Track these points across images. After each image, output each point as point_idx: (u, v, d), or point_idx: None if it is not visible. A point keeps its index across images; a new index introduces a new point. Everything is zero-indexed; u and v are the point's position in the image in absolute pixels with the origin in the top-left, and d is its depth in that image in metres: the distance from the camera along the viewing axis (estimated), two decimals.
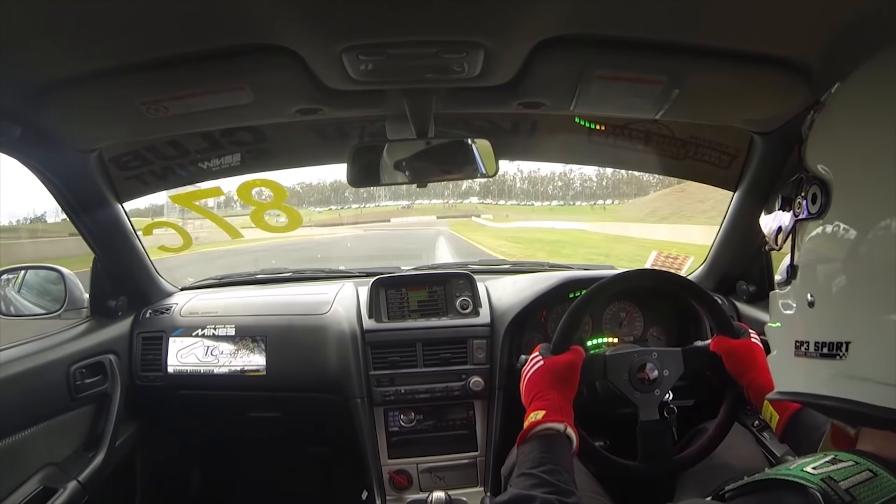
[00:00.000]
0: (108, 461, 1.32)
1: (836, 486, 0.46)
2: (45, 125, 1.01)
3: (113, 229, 1.40)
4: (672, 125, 1.38)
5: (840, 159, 0.53)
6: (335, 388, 1.49)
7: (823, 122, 0.57)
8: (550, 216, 40.45)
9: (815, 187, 0.54)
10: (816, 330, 0.53)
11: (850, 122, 0.54)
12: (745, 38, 0.85)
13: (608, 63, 0.90)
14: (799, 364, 0.55)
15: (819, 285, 0.53)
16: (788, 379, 0.58)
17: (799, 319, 0.55)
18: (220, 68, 0.88)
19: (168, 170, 1.41)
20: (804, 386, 0.55)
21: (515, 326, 1.50)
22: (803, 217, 0.55)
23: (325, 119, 1.26)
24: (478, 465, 1.48)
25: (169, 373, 1.52)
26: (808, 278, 0.55)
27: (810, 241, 0.55)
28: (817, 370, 0.52)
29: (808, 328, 0.54)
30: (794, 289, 0.57)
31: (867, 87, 0.54)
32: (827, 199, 0.52)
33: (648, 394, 1.06)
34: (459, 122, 1.35)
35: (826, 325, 0.52)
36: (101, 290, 1.47)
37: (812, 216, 0.54)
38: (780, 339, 0.60)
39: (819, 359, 0.52)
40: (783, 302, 0.59)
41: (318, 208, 33.33)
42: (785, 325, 0.58)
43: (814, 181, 0.54)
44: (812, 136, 0.58)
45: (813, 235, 0.54)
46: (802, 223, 0.56)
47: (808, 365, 0.53)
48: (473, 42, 0.80)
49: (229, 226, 1.94)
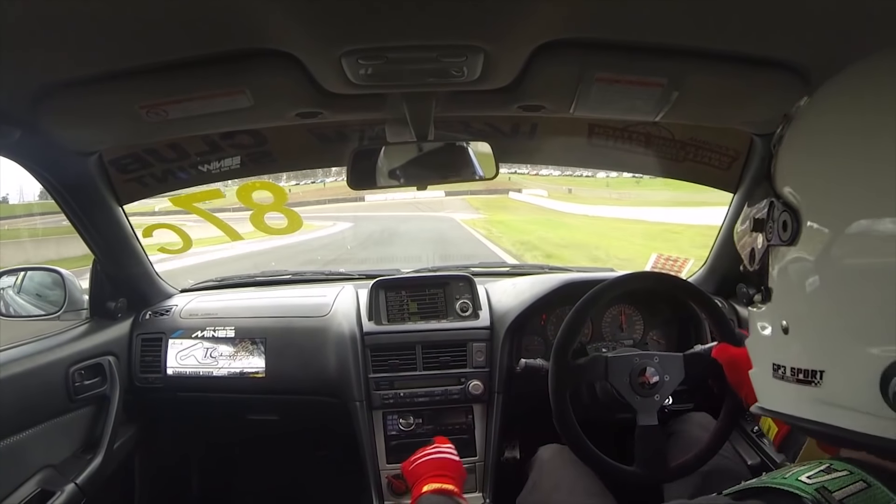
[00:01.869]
0: (106, 464, 1.31)
1: (830, 496, 0.46)
2: (45, 128, 1.01)
3: (112, 231, 1.40)
4: (672, 127, 1.38)
5: (806, 185, 0.52)
6: (334, 391, 1.49)
7: (791, 142, 0.56)
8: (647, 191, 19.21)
9: (785, 214, 0.52)
10: (791, 356, 0.53)
11: (815, 148, 0.53)
12: (745, 41, 0.85)
13: (608, 66, 0.90)
14: (778, 385, 0.55)
15: (792, 312, 0.53)
16: (769, 397, 0.58)
17: (775, 343, 0.55)
18: (220, 72, 0.88)
19: (168, 172, 1.42)
20: (784, 406, 0.55)
21: (515, 329, 1.50)
22: (775, 243, 0.54)
23: (325, 122, 1.26)
24: (476, 470, 1.47)
25: (168, 375, 1.52)
26: (782, 303, 0.54)
27: (782, 268, 0.54)
28: (795, 393, 0.52)
29: (783, 353, 0.54)
30: (769, 311, 0.57)
31: (831, 111, 0.53)
32: (797, 227, 0.51)
33: (648, 398, 1.06)
34: (459, 125, 1.35)
35: (800, 352, 0.52)
36: (100, 291, 1.47)
37: (783, 243, 0.53)
38: (758, 357, 0.60)
39: (796, 383, 0.52)
40: (760, 323, 0.59)
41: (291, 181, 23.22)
42: (762, 346, 0.58)
43: (784, 207, 0.53)
44: (781, 154, 0.57)
45: (785, 262, 0.53)
46: (774, 247, 0.55)
47: (786, 387, 0.53)
48: (473, 46, 0.80)
49: (229, 228, 1.93)
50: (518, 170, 23.52)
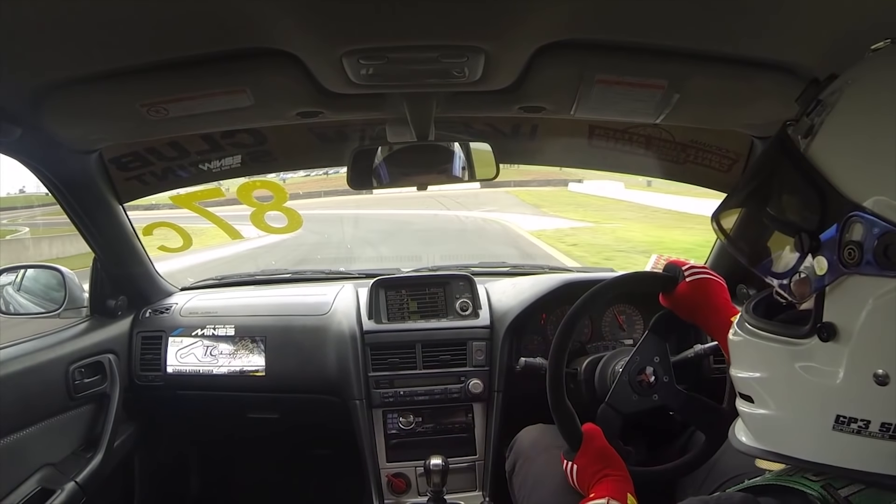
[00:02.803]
0: (106, 462, 1.32)
1: (836, 493, 0.46)
2: (46, 126, 1.01)
3: (113, 229, 1.40)
4: (673, 129, 1.38)
5: None
6: (334, 390, 1.49)
7: (864, 128, 0.46)
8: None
9: (890, 236, 0.41)
10: (886, 411, 0.44)
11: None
12: (746, 43, 0.85)
13: (609, 67, 0.90)
14: (837, 438, 0.46)
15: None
16: (811, 448, 0.49)
17: (850, 393, 0.46)
18: (221, 71, 0.88)
19: (168, 171, 1.41)
20: (844, 460, 0.47)
21: (515, 329, 1.50)
22: (865, 272, 0.43)
23: (326, 122, 1.27)
24: (476, 469, 1.48)
25: (168, 373, 1.52)
26: (877, 348, 0.44)
27: (884, 304, 0.43)
28: (877, 450, 0.45)
29: (866, 407, 0.45)
30: (829, 353, 0.47)
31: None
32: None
33: (646, 398, 1.06)
34: (460, 125, 1.35)
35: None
36: (100, 289, 1.47)
37: (883, 274, 0.42)
38: (793, 402, 0.50)
39: (886, 440, 0.44)
40: (804, 365, 0.48)
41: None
42: (811, 392, 0.48)
43: (884, 226, 0.42)
44: (839, 150, 0.47)
45: (889, 298, 0.43)
46: (853, 277, 0.45)
47: (858, 442, 0.45)
48: (474, 47, 0.80)
49: (229, 226, 1.93)
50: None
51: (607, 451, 0.96)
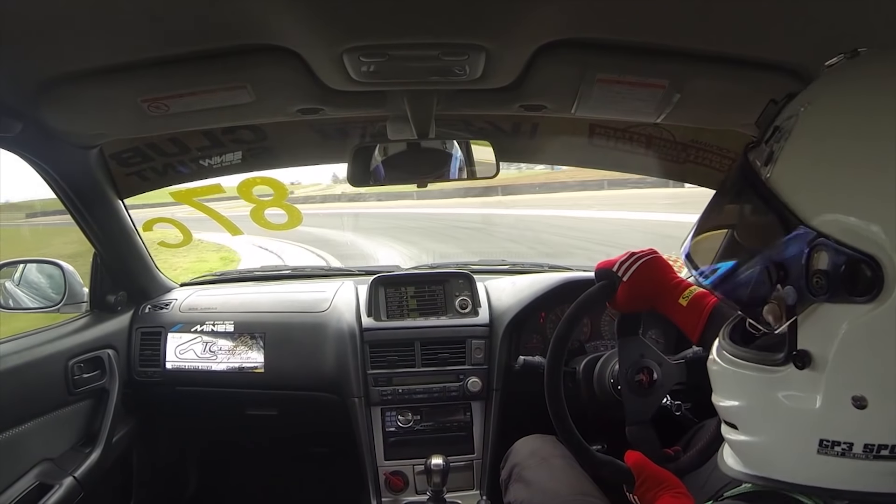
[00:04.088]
0: (104, 457, 1.32)
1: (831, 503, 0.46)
2: (47, 121, 1.01)
3: (113, 225, 1.40)
4: (673, 129, 1.38)
5: (883, 212, 0.41)
6: (333, 387, 1.49)
7: (819, 153, 0.46)
8: None
9: (855, 264, 0.41)
10: (868, 433, 0.44)
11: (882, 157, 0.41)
12: (747, 43, 0.85)
13: (610, 67, 0.90)
14: (823, 461, 0.46)
15: (877, 383, 0.43)
16: (797, 470, 0.49)
17: (831, 418, 0.46)
18: (222, 68, 0.88)
19: (169, 166, 1.42)
20: (830, 481, 0.47)
21: (514, 327, 1.50)
22: (834, 300, 0.43)
23: (327, 119, 1.26)
24: (474, 468, 1.48)
25: (167, 369, 1.52)
26: (852, 374, 0.44)
27: (855, 331, 0.43)
28: (862, 470, 0.45)
29: (848, 430, 0.45)
30: (807, 379, 0.46)
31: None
32: (880, 276, 0.41)
33: (644, 397, 1.06)
34: (460, 123, 1.35)
35: (887, 427, 0.43)
36: (100, 284, 1.47)
37: (853, 301, 0.42)
38: (775, 428, 0.50)
39: (870, 460, 0.44)
40: (785, 393, 0.48)
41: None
42: (793, 418, 0.48)
43: (848, 253, 0.42)
44: (797, 176, 0.46)
45: (860, 324, 0.43)
46: (823, 305, 0.44)
47: (843, 464, 0.45)
48: (475, 45, 0.80)
49: (229, 222, 1.93)
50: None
51: (658, 474, 0.94)
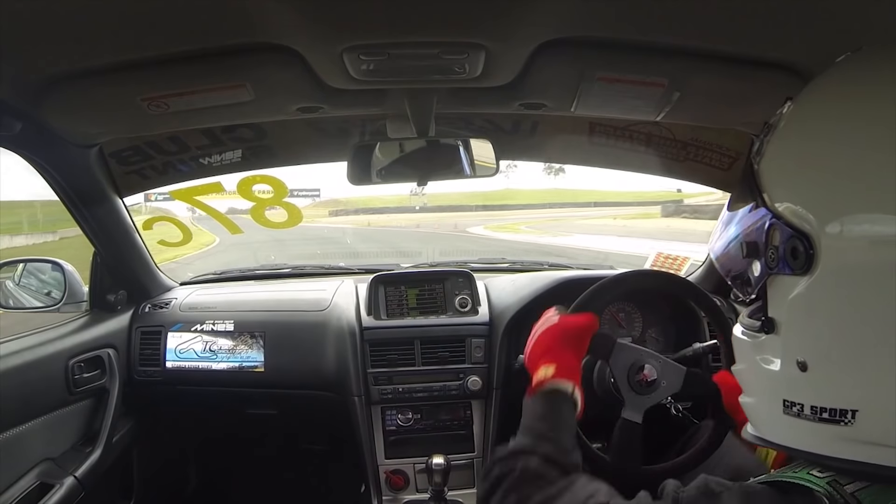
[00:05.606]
0: (105, 457, 1.32)
1: (842, 489, 0.46)
2: (47, 120, 1.01)
3: (113, 224, 1.40)
4: (673, 127, 1.38)
5: (817, 201, 0.46)
6: (333, 386, 1.49)
7: (784, 151, 0.51)
8: None
9: (794, 239, 0.46)
10: (812, 395, 0.48)
11: (826, 155, 0.47)
12: (747, 42, 0.85)
13: (610, 65, 0.90)
14: (788, 421, 0.50)
15: (812, 348, 0.47)
16: (775, 431, 0.53)
17: (786, 380, 0.50)
18: (222, 66, 0.88)
19: (168, 165, 1.41)
20: (796, 442, 0.50)
21: (514, 326, 1.50)
22: (781, 272, 0.49)
23: (327, 117, 1.26)
24: (474, 466, 1.48)
25: (167, 368, 1.52)
26: (796, 339, 0.49)
27: (796, 300, 0.48)
28: (815, 431, 0.48)
29: (799, 391, 0.49)
30: (773, 344, 0.51)
31: (844, 102, 0.49)
32: (812, 254, 0.45)
33: (642, 396, 1.06)
34: (460, 121, 1.34)
35: (825, 391, 0.47)
36: (100, 283, 1.47)
37: (794, 273, 0.47)
38: (761, 391, 0.55)
39: (818, 422, 0.47)
40: (760, 356, 0.53)
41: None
42: (766, 380, 0.53)
43: (789, 230, 0.47)
44: (771, 167, 0.51)
45: (798, 293, 0.48)
46: (778, 277, 0.50)
47: (802, 424, 0.49)
48: (475, 44, 0.80)
49: (229, 221, 1.93)
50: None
51: (585, 343, 0.95)
